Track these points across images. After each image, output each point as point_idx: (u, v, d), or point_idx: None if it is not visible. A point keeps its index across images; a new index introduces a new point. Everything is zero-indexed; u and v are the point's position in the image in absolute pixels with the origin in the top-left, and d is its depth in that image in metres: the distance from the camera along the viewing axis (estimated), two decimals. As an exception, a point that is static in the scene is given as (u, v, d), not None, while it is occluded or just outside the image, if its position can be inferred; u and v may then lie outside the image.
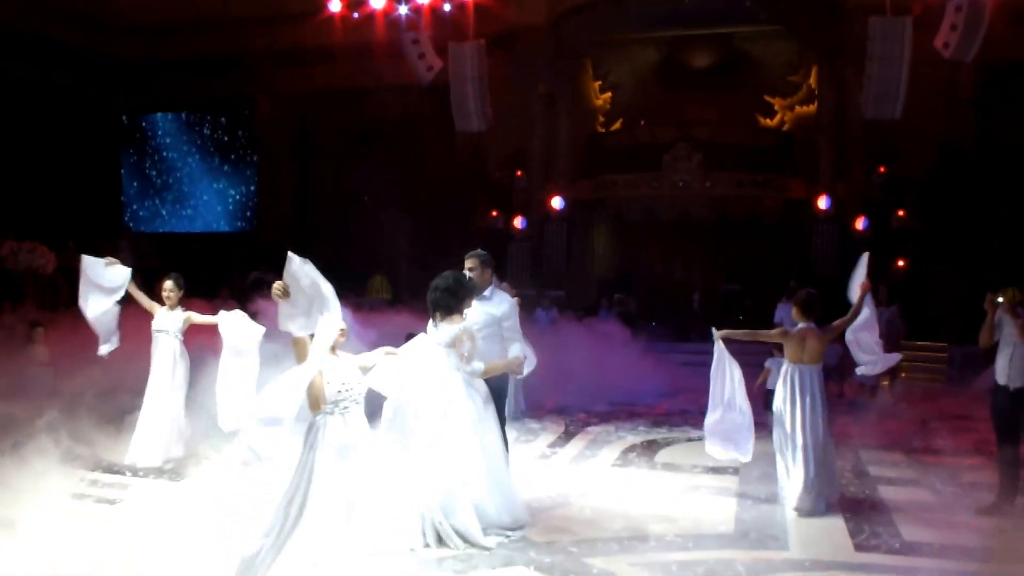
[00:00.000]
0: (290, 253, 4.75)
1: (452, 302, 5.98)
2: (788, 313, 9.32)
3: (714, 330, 6.90)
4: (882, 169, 19.28)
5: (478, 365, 5.99)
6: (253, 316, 6.51)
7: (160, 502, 6.47)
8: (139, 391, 8.01)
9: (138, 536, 5.36)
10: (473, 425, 5.94)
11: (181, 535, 5.38)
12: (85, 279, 7.64)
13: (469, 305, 6.13)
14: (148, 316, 8.07)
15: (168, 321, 7.93)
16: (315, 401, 4.85)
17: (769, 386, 8.57)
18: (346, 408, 4.96)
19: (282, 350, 5.24)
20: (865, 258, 7.28)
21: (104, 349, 7.84)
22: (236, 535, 5.20)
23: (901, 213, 18.88)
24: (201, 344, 7.78)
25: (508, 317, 6.45)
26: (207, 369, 6.93)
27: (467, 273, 6.34)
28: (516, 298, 7.23)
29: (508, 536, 5.90)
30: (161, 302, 8.02)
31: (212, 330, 6.73)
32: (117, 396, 8.88)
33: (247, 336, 6.27)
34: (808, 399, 6.73)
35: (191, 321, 7.94)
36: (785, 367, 6.90)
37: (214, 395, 6.06)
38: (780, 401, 6.83)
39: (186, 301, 8.23)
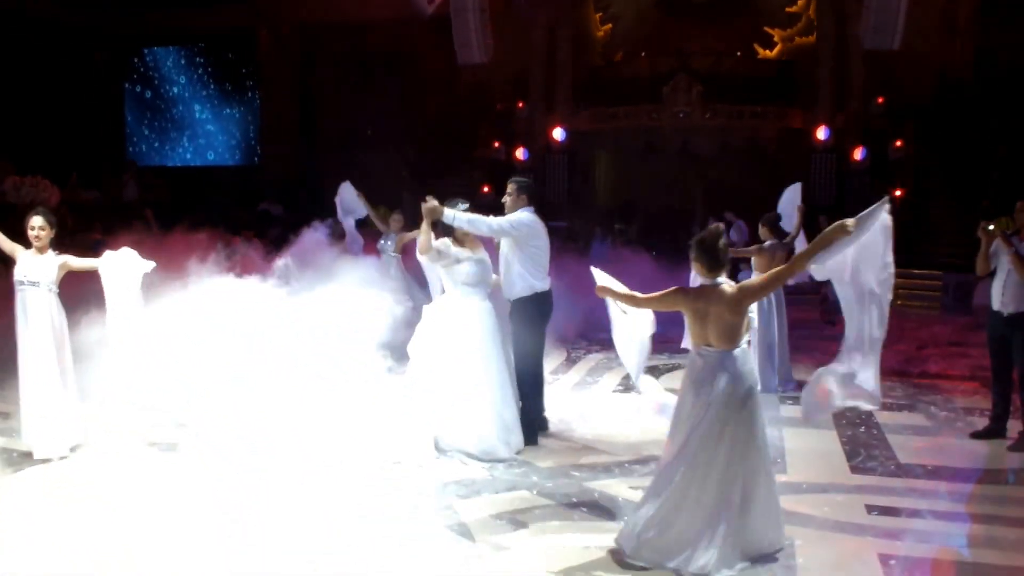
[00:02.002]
0: None
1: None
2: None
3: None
4: (880, 100, 19.20)
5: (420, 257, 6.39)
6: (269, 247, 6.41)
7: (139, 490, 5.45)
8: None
9: (133, 533, 4.73)
10: (474, 350, 6.15)
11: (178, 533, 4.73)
12: None
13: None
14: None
15: (37, 269, 6.10)
16: None
17: None
18: None
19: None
20: (798, 187, 8.82)
21: None
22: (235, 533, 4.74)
23: (899, 143, 18.82)
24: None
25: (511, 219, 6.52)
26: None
27: (506, 198, 6.64)
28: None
29: (504, 461, 6.11)
30: (26, 244, 6.21)
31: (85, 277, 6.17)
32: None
33: (131, 276, 5.86)
34: (766, 302, 8.23)
35: (68, 267, 6.21)
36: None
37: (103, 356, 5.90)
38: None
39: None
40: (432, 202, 6.09)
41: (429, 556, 4.52)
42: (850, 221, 4.41)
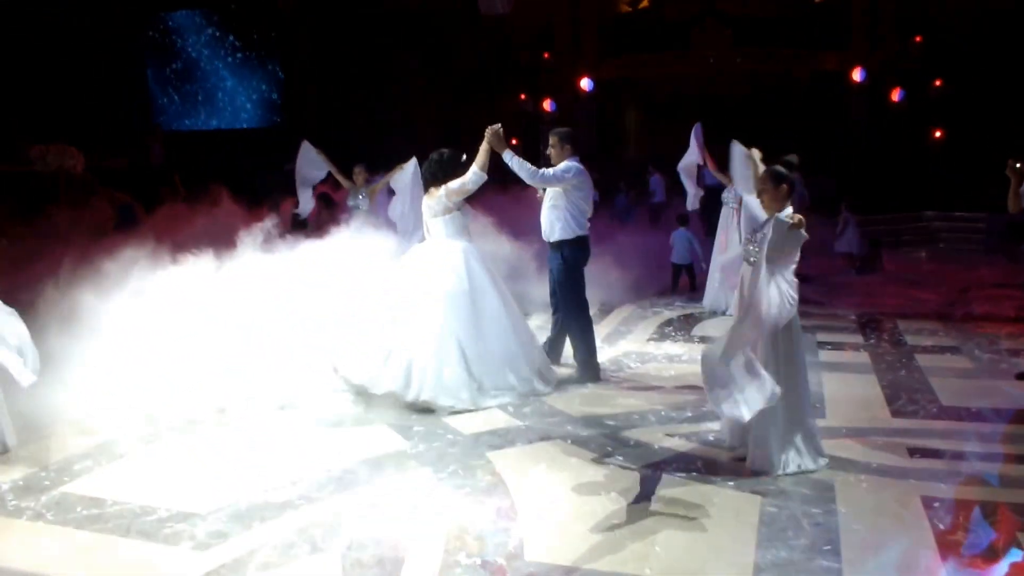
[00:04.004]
0: None
1: (441, 173, 6.41)
2: (798, 183, 9.65)
3: None
4: (918, 38, 18.61)
5: (472, 169, 6.33)
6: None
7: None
8: None
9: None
10: (468, 293, 6.24)
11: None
12: None
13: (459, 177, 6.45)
14: None
15: None
16: None
17: None
18: None
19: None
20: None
21: None
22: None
23: (938, 83, 18.29)
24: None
25: (562, 168, 6.70)
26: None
27: (550, 150, 6.80)
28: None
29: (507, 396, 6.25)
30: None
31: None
32: None
33: None
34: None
35: None
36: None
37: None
38: None
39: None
40: (500, 130, 6.38)
41: (460, 509, 4.48)
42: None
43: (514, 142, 18.22)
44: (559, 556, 3.95)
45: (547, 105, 20.22)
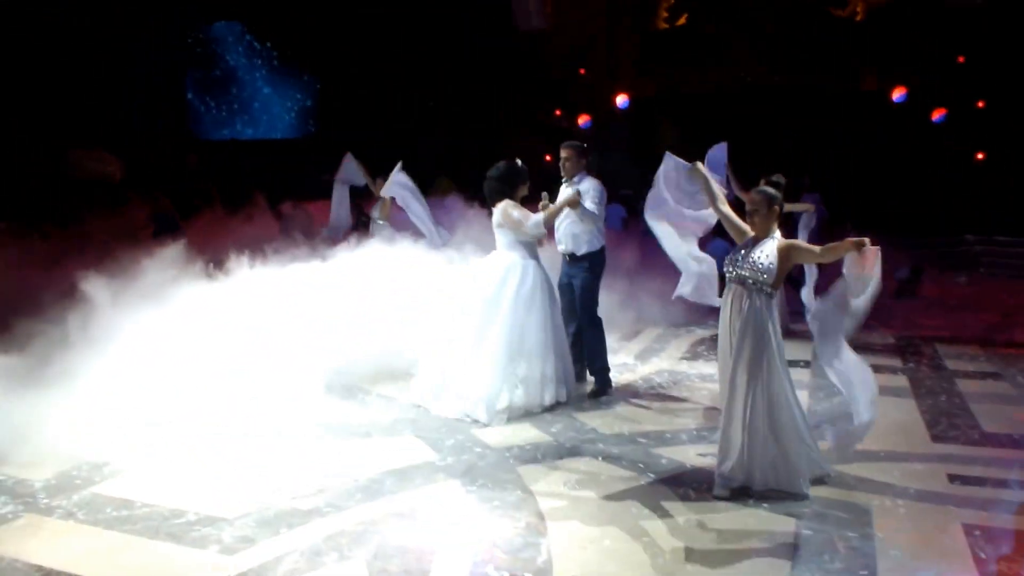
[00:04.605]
0: None
1: (500, 187, 6.45)
2: (815, 201, 10.29)
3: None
4: (961, 59, 18.36)
5: (536, 217, 6.35)
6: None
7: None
8: None
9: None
10: (513, 304, 6.24)
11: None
12: None
13: (524, 191, 6.54)
14: None
15: None
16: None
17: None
18: None
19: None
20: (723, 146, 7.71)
21: None
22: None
23: (981, 104, 18.02)
24: None
25: (588, 191, 6.68)
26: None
27: (564, 162, 6.77)
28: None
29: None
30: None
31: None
32: None
33: None
34: None
35: None
36: None
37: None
38: None
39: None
40: (576, 196, 6.49)
41: (489, 522, 4.43)
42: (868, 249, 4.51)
43: (548, 158, 18.21)
44: (588, 572, 3.88)
45: (582, 121, 20.19)
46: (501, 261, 6.41)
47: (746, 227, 4.94)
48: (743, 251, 4.82)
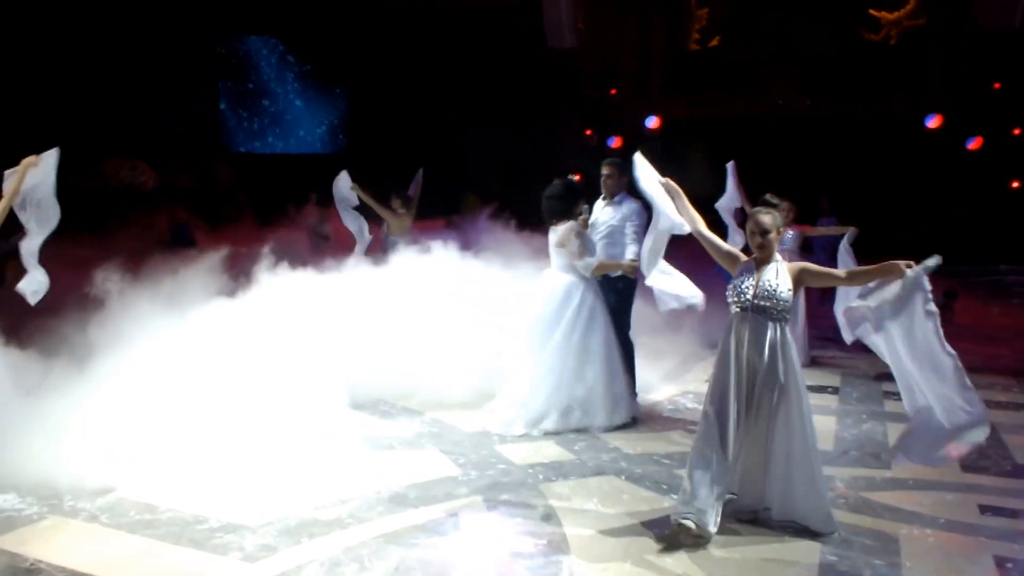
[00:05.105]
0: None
1: (561, 207, 6.41)
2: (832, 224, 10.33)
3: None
4: (996, 85, 18.17)
5: (589, 260, 6.32)
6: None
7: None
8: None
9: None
10: (571, 325, 6.25)
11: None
12: None
13: (581, 211, 6.56)
14: None
15: None
16: None
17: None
18: None
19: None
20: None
21: None
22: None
23: (1016, 132, 17.82)
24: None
25: (630, 218, 6.61)
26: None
27: (607, 180, 6.73)
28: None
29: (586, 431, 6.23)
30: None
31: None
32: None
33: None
34: None
35: None
36: None
37: None
38: None
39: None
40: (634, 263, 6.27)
41: (511, 538, 4.40)
42: (911, 271, 4.24)
43: (577, 178, 18.18)
44: (610, 593, 3.84)
45: (611, 142, 20.19)
46: (559, 282, 6.38)
47: (736, 252, 4.65)
48: (749, 278, 4.46)
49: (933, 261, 4.29)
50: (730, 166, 8.95)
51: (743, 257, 4.59)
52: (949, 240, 16.16)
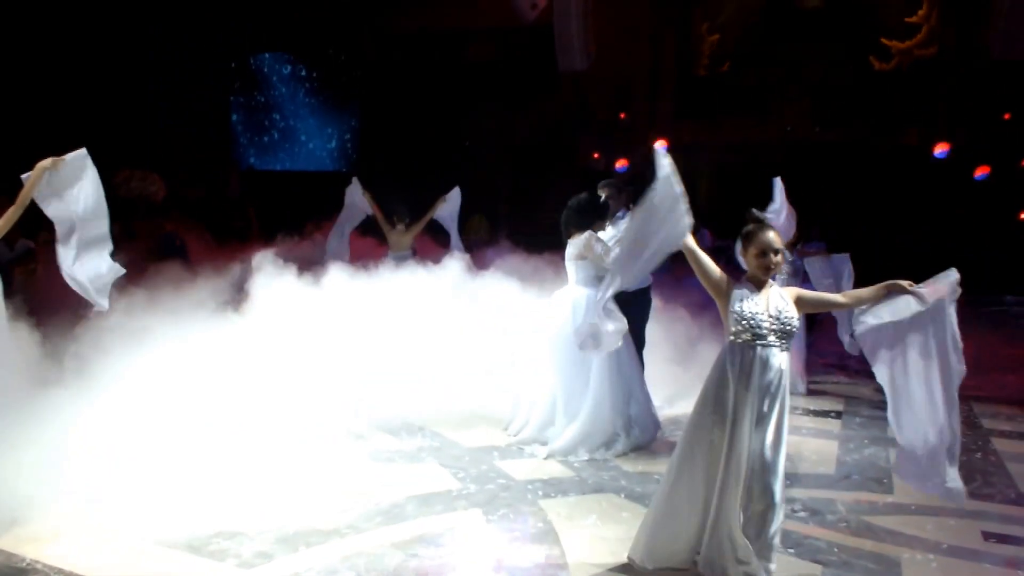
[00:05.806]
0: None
1: (581, 219, 6.35)
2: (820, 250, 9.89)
3: None
4: (1007, 115, 18.18)
5: (617, 252, 6.13)
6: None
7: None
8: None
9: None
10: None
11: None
12: None
13: (602, 226, 6.48)
14: None
15: None
16: None
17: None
18: None
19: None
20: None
21: None
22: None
23: (1025, 163, 17.83)
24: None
25: None
26: None
27: (607, 200, 6.69)
28: None
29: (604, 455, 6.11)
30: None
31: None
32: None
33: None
34: None
35: None
36: None
37: None
38: None
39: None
40: None
41: (508, 553, 4.37)
42: (920, 291, 4.12)
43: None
44: (607, 609, 3.81)
45: (619, 166, 20.22)
46: (580, 296, 6.22)
47: (727, 277, 4.14)
48: (753, 303, 4.01)
49: (953, 276, 4.17)
50: (777, 181, 8.70)
51: (724, 280, 4.13)
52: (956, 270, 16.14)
